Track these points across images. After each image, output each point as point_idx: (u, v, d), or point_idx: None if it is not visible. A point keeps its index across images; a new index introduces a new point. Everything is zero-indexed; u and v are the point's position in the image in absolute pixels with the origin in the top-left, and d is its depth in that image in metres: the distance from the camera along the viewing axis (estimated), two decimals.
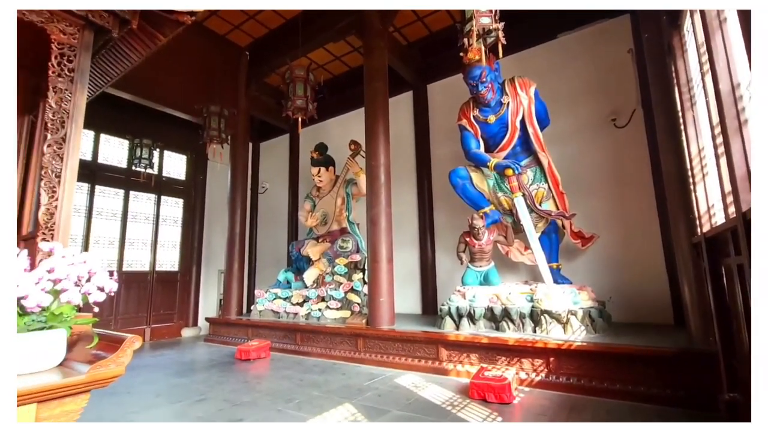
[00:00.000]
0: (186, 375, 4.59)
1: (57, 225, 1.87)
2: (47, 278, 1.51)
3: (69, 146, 1.92)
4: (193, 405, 3.39)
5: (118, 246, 7.41)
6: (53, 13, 1.89)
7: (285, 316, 6.24)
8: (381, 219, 5.11)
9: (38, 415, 1.41)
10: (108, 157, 7.49)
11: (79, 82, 1.98)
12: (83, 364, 1.62)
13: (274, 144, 9.58)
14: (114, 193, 7.47)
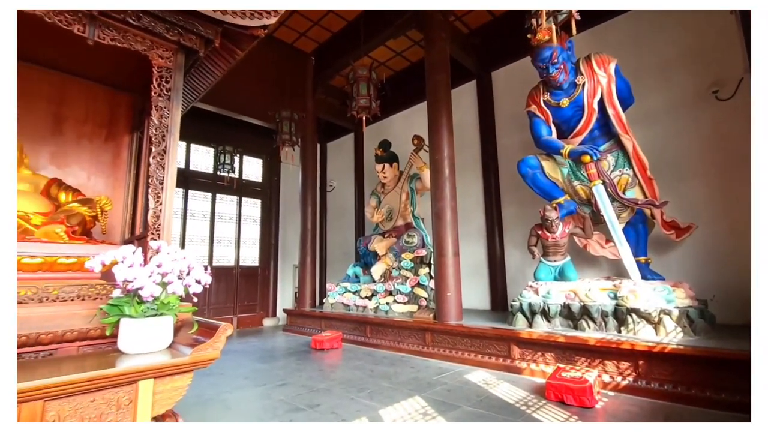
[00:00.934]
0: (268, 361, 5.00)
1: (162, 226, 2.15)
2: (157, 272, 1.75)
3: (168, 157, 2.19)
4: (275, 388, 3.69)
5: (208, 243, 8.29)
6: (153, 41, 2.17)
7: (355, 309, 6.48)
8: (446, 213, 5.05)
9: (155, 389, 1.65)
10: (198, 165, 8.39)
11: (174, 99, 2.25)
12: (187, 347, 1.86)
13: (340, 143, 9.94)
14: (203, 197, 8.36)
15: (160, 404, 1.69)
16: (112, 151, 2.91)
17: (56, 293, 1.89)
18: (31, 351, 1.78)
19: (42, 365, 1.62)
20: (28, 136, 2.49)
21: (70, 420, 1.45)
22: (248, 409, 3.15)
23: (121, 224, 2.86)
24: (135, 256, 1.74)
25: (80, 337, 1.88)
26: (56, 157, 2.65)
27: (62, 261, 1.98)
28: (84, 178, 2.75)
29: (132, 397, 1.60)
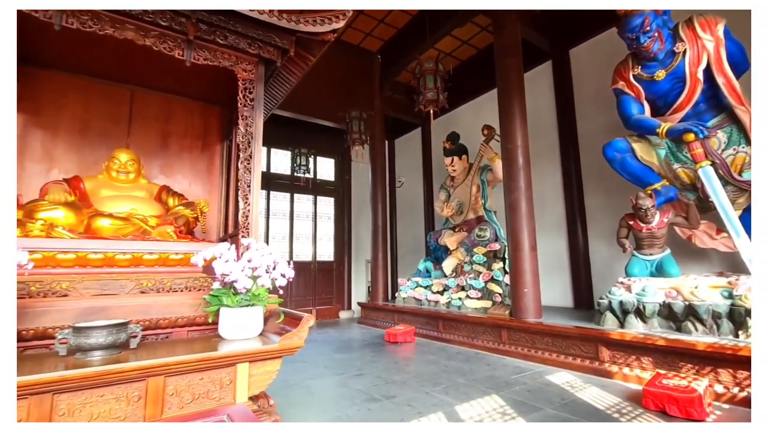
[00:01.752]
0: (345, 351, 5.23)
1: (250, 224, 2.36)
2: (248, 266, 1.93)
3: (254, 161, 2.40)
4: (353, 378, 3.85)
5: (288, 240, 8.91)
6: (238, 56, 2.38)
7: (427, 304, 6.48)
8: (521, 204, 4.80)
9: (250, 371, 1.83)
10: (277, 167, 9.04)
11: (257, 108, 2.45)
12: (275, 335, 2.03)
13: (408, 139, 9.97)
14: (282, 197, 9.00)
15: (255, 386, 1.87)
16: (207, 160, 3.26)
17: (170, 285, 2.19)
18: (153, 333, 2.08)
19: (161, 346, 1.89)
20: (144, 151, 2.91)
21: (184, 395, 1.67)
22: (329, 396, 3.33)
23: (217, 224, 3.20)
24: (230, 253, 1.95)
25: (189, 323, 2.16)
26: (164, 168, 3.05)
27: (173, 257, 2.29)
28: (186, 184, 3.13)
29: (232, 377, 1.79)
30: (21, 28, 2.18)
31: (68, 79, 2.69)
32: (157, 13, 2.08)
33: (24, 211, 2.10)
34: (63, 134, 2.68)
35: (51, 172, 2.59)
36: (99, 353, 1.62)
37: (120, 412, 1.53)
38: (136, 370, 1.55)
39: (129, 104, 2.91)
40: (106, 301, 1.97)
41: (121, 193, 2.59)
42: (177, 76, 2.78)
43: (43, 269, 1.90)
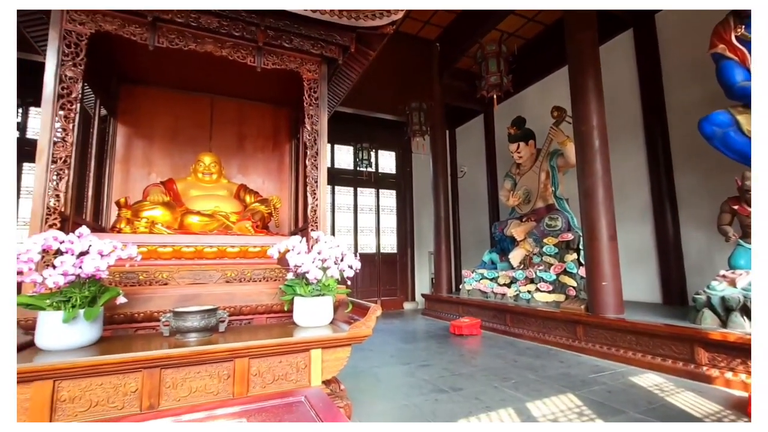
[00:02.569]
0: (410, 342, 5.29)
1: (318, 218, 2.48)
2: (318, 258, 2.03)
3: (320, 158, 2.50)
4: (419, 368, 3.89)
5: (353, 233, 9.19)
6: (303, 58, 2.50)
7: (493, 297, 6.29)
8: (597, 190, 4.42)
9: (323, 357, 1.93)
10: (340, 162, 9.34)
11: (322, 106, 2.55)
12: (344, 323, 2.12)
13: (469, 127, 9.67)
14: (346, 191, 9.29)
15: (327, 371, 1.98)
16: (278, 159, 3.48)
17: (250, 275, 2.39)
18: (237, 319, 2.29)
19: (244, 331, 2.08)
20: (223, 153, 3.19)
21: (266, 375, 1.82)
22: (396, 385, 3.41)
23: (288, 218, 3.41)
24: (301, 245, 2.06)
25: (267, 311, 2.34)
26: (241, 168, 3.32)
27: (251, 250, 2.48)
28: (260, 182, 3.37)
29: (306, 362, 1.91)
30: (119, 50, 2.50)
31: (160, 93, 3.04)
32: (231, 25, 2.25)
33: (132, 211, 2.43)
34: (158, 142, 3.04)
35: (150, 175, 2.96)
36: (194, 335, 1.82)
37: (213, 388, 1.71)
38: (225, 352, 1.72)
39: (210, 111, 3.20)
40: (197, 289, 2.21)
41: (206, 192, 2.87)
42: (249, 83, 2.99)
43: (147, 261, 2.19)
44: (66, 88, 1.97)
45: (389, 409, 2.83)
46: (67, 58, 1.99)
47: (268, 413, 1.08)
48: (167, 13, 2.12)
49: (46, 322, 1.57)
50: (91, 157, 2.66)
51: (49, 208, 1.89)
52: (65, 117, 1.95)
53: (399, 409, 2.82)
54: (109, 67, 2.70)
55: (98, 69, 2.53)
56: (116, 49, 2.45)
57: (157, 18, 2.11)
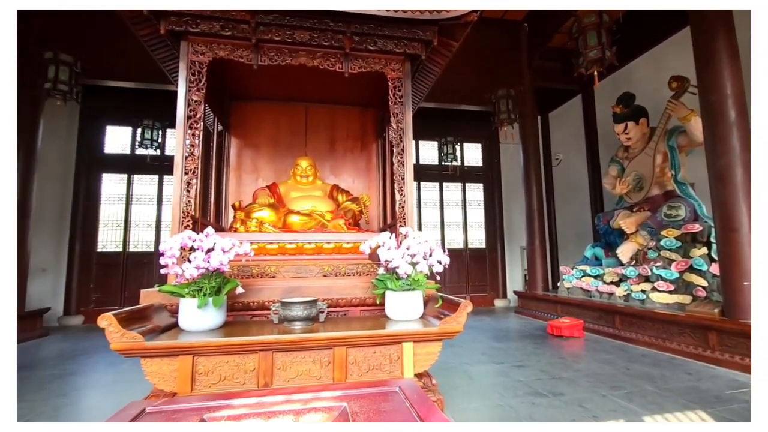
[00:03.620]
0: (503, 341, 5.08)
1: (406, 214, 2.53)
2: (407, 254, 2.08)
3: (406, 155, 2.55)
4: (513, 368, 3.72)
5: (439, 228, 9.13)
6: (387, 59, 2.56)
7: (597, 296, 5.70)
8: (734, 171, 3.69)
9: (414, 351, 1.97)
10: (425, 158, 9.34)
11: (406, 104, 2.58)
12: (434, 318, 2.13)
13: (564, 111, 8.85)
14: (432, 186, 9.26)
15: (419, 364, 2.01)
16: (366, 158, 3.63)
17: (344, 270, 2.54)
18: (334, 310, 2.46)
19: (341, 322, 2.23)
20: (317, 156, 3.44)
21: (362, 364, 1.93)
22: (488, 384, 3.31)
23: (377, 215, 3.54)
24: (391, 241, 2.13)
25: (361, 303, 2.47)
26: (333, 169, 3.54)
27: (345, 246, 2.64)
28: (350, 182, 3.56)
29: (399, 354, 1.97)
30: (230, 73, 2.85)
31: (263, 107, 3.40)
32: (320, 36, 2.41)
33: (244, 213, 2.77)
34: (263, 150, 3.41)
35: (257, 180, 3.33)
36: (299, 323, 2.01)
37: (316, 373, 1.87)
38: (325, 340, 1.86)
39: (305, 118, 3.48)
40: (300, 282, 2.43)
41: (304, 193, 3.13)
42: (338, 88, 3.17)
43: (258, 256, 2.48)
44: (192, 110, 2.33)
45: (482, 408, 2.76)
46: (192, 84, 2.34)
47: (366, 400, 1.14)
48: (267, 33, 2.36)
49: (186, 308, 1.89)
50: (212, 167, 3.09)
51: (184, 213, 2.26)
52: (192, 134, 2.31)
53: (493, 409, 2.73)
54: (223, 88, 3.11)
55: (215, 91, 2.93)
56: (228, 72, 2.81)
57: (259, 40, 2.36)
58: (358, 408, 1.08)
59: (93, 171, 7.83)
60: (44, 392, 3.30)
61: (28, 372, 3.97)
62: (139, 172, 8.01)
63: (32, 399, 3.12)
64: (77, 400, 3.20)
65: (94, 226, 7.76)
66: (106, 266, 7.66)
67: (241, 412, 1.08)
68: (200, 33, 2.33)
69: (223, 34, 2.33)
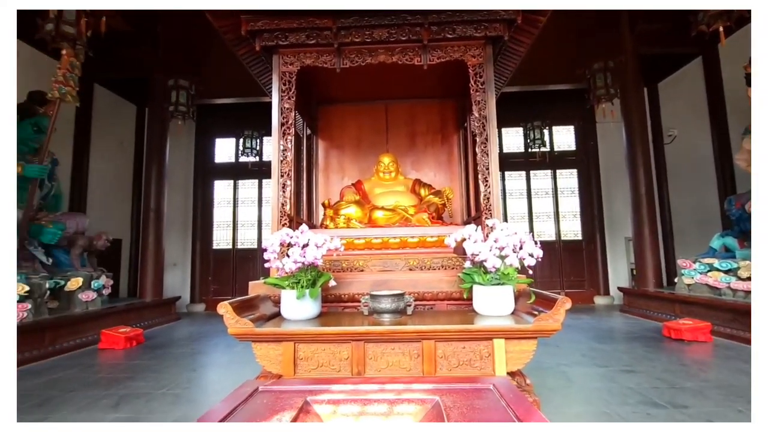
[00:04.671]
0: (606, 342, 4.59)
1: (492, 206, 2.42)
2: (495, 246, 1.99)
3: (490, 143, 2.43)
4: (620, 374, 3.34)
5: (527, 220, 8.59)
6: (466, 45, 2.47)
7: (730, 294, 4.81)
8: None
9: (506, 348, 1.89)
10: (509, 146, 8.85)
11: (488, 90, 2.47)
12: (527, 315, 2.01)
13: (678, 79, 7.59)
14: (518, 175, 8.74)
15: (512, 362, 1.92)
16: (447, 151, 3.57)
17: (429, 263, 2.54)
18: (420, 304, 2.48)
19: (428, 315, 2.23)
20: (398, 152, 3.48)
21: (451, 359, 1.91)
22: (591, 389, 3.02)
23: (460, 208, 3.46)
24: (477, 233, 2.06)
25: (447, 297, 2.44)
26: (414, 164, 3.55)
27: (429, 240, 2.64)
28: (432, 175, 3.53)
29: (490, 351, 1.91)
30: (315, 79, 3.02)
31: (346, 108, 3.55)
32: (398, 31, 2.42)
33: (333, 210, 2.94)
34: (347, 150, 3.57)
35: (344, 179, 3.50)
36: (387, 316, 2.06)
37: (406, 364, 1.91)
38: (414, 333, 1.88)
39: (385, 116, 3.55)
40: (387, 276, 2.49)
41: (387, 189, 3.20)
42: (416, 82, 3.17)
43: (347, 251, 2.60)
44: (285, 117, 2.53)
45: (585, 414, 2.54)
46: (284, 93, 2.55)
47: (458, 395, 1.13)
48: (347, 36, 2.45)
49: (286, 298, 2.07)
50: (303, 169, 3.33)
51: (281, 212, 2.47)
52: (286, 140, 2.51)
53: (598, 417, 2.49)
54: (310, 94, 3.33)
55: (304, 98, 3.14)
56: (313, 78, 2.98)
57: (341, 44, 2.47)
58: (451, 403, 1.07)
59: (207, 179, 9.05)
60: (179, 367, 3.91)
61: (166, 349, 4.76)
62: (242, 177, 9.04)
63: (170, 372, 3.73)
64: (204, 375, 3.73)
65: (209, 226, 8.98)
66: (220, 261, 8.81)
67: (339, 398, 1.15)
68: (289, 45, 2.51)
69: (308, 43, 2.49)
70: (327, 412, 1.09)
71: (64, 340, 4.68)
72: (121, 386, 3.29)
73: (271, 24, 2.43)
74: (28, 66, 6.05)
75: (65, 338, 4.69)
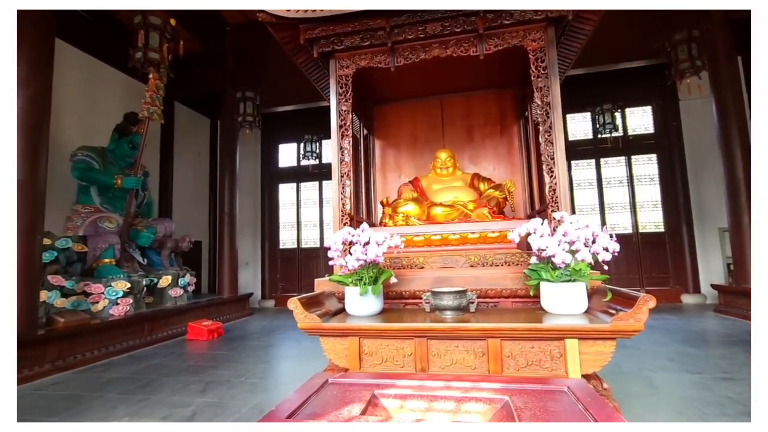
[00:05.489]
0: (698, 346, 4.11)
1: (559, 197, 2.28)
2: (564, 240, 1.87)
3: (555, 132, 2.29)
4: (717, 381, 2.97)
5: (598, 211, 7.95)
6: (525, 29, 2.35)
7: None
8: None
9: (580, 349, 1.77)
10: (575, 133, 8.25)
11: (552, 75, 2.32)
12: (603, 314, 1.86)
13: None
14: (586, 164, 8.12)
15: (587, 365, 1.79)
16: (506, 142, 3.42)
17: (491, 260, 2.46)
18: (483, 301, 2.41)
19: (492, 313, 2.16)
20: (455, 147, 3.41)
21: (519, 359, 1.83)
22: (681, 397, 2.72)
23: (522, 201, 3.30)
24: (543, 228, 1.95)
25: (512, 295, 2.35)
26: (472, 158, 3.46)
27: (490, 235, 2.55)
28: (491, 169, 3.42)
29: (561, 351, 1.80)
30: (370, 80, 3.06)
31: (401, 106, 3.56)
32: (452, 23, 2.37)
33: (391, 208, 2.97)
34: (403, 148, 3.58)
35: (401, 177, 3.52)
36: (449, 313, 2.04)
37: (471, 363, 1.87)
38: (478, 330, 1.84)
39: (440, 111, 3.50)
40: (447, 273, 2.46)
41: (445, 185, 3.15)
42: (472, 74, 3.08)
43: (407, 248, 2.61)
44: (342, 119, 2.60)
45: None
46: (341, 96, 2.62)
47: (530, 396, 1.08)
48: (401, 34, 2.45)
49: (350, 295, 2.14)
50: (361, 168, 3.41)
51: (342, 212, 2.55)
52: (344, 141, 2.59)
53: None
54: (365, 95, 3.39)
55: (359, 99, 3.21)
56: (368, 79, 3.03)
57: (394, 42, 2.48)
58: (522, 404, 1.03)
59: (272, 183, 9.65)
60: (254, 358, 4.22)
61: (243, 341, 5.16)
62: (304, 180, 9.50)
63: (247, 362, 4.04)
64: (276, 367, 3.99)
65: (276, 227, 9.56)
66: (286, 260, 9.35)
67: (406, 393, 1.16)
68: (344, 49, 2.58)
69: (362, 45, 2.53)
70: (394, 406, 1.11)
71: (159, 331, 5.28)
72: (206, 374, 3.63)
73: (327, 30, 2.51)
74: (123, 91, 6.92)
75: (160, 329, 5.30)
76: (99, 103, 6.44)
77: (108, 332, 4.55)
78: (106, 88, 6.63)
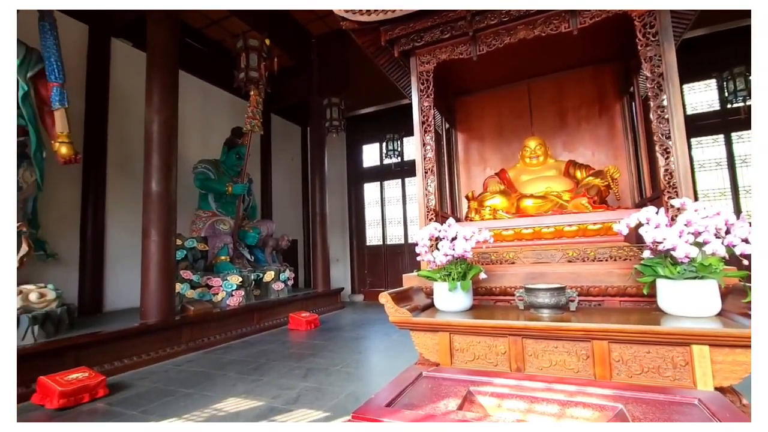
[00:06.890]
0: None
1: (678, 182, 1.97)
2: (687, 231, 1.62)
3: (671, 106, 1.99)
4: None
5: (731, 196, 6.67)
6: None
7: None
8: None
9: (712, 357, 1.52)
10: (695, 106, 7.04)
11: (665, 41, 2.02)
12: (743, 317, 1.57)
13: None
14: (711, 141, 6.88)
15: (721, 376, 1.53)
16: (607, 124, 3.07)
17: (593, 254, 2.24)
18: (585, 300, 2.21)
19: (595, 312, 1.97)
20: (546, 134, 3.17)
21: (631, 364, 1.64)
22: None
23: (629, 188, 2.93)
24: (659, 217, 1.71)
25: (619, 293, 2.10)
26: (566, 144, 3.18)
27: (590, 227, 2.32)
28: (589, 155, 3.10)
29: (687, 359, 1.56)
30: (451, 72, 3.00)
31: (484, 96, 3.42)
32: None
33: (477, 202, 2.88)
34: (488, 139, 3.44)
35: (485, 170, 3.39)
36: (546, 311, 1.91)
37: (573, 365, 1.73)
38: (580, 331, 1.69)
39: (527, 97, 3.28)
40: (541, 268, 2.31)
41: (535, 175, 2.95)
42: (562, 52, 2.82)
43: (495, 243, 2.51)
44: (425, 115, 2.60)
45: None
46: (422, 93, 2.63)
47: (649, 406, 0.96)
48: (483, 21, 2.36)
49: (439, 290, 2.13)
50: (444, 164, 3.37)
51: (428, 207, 2.56)
52: (427, 137, 2.59)
53: None
54: (446, 89, 3.33)
55: (440, 93, 3.18)
56: (448, 72, 2.98)
57: (476, 30, 2.40)
58: (641, 414, 0.92)
59: (358, 182, 10.10)
60: (347, 349, 4.47)
61: (337, 333, 5.50)
62: (387, 178, 9.75)
63: (342, 352, 4.29)
64: (368, 358, 4.17)
65: (362, 225, 9.98)
66: (373, 256, 9.70)
67: (503, 392, 1.13)
68: (424, 45, 2.57)
69: (443, 38, 2.50)
70: (491, 404, 1.09)
71: (266, 320, 5.92)
72: (306, 361, 3.96)
73: (407, 28, 2.53)
74: (230, 109, 7.88)
75: (266, 319, 5.93)
76: (211, 120, 7.44)
77: (226, 320, 5.25)
78: (216, 107, 7.63)
